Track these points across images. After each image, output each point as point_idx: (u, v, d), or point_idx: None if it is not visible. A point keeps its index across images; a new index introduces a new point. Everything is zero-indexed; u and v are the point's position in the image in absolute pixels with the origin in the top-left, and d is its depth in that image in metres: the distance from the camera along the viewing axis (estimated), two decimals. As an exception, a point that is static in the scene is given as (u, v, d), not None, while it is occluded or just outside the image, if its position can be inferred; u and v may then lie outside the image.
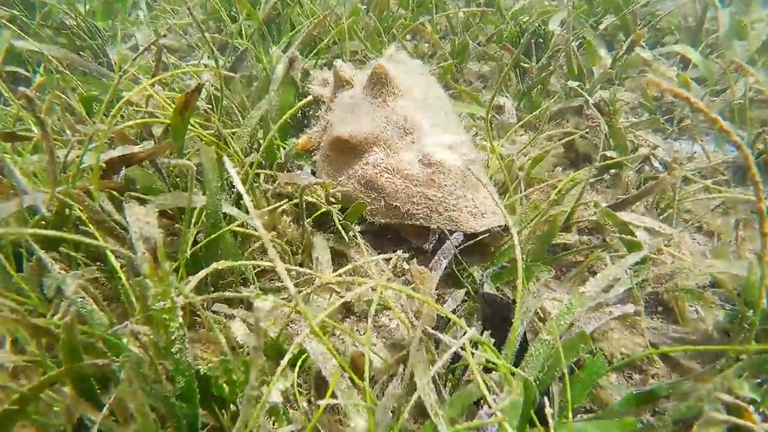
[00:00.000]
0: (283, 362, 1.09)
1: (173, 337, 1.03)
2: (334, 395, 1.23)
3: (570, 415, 1.23)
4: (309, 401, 1.46)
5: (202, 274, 1.16)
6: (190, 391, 1.10)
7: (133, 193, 1.71)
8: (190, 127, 1.86)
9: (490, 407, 1.00)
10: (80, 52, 3.30)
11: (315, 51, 2.92)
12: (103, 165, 1.56)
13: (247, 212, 1.82)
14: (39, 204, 1.52)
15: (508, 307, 1.44)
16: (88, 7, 3.88)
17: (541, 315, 1.65)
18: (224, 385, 1.28)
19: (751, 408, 1.29)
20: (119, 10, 4.13)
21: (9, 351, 1.26)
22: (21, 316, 1.04)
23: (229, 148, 1.90)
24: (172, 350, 1.04)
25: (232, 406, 1.29)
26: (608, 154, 2.35)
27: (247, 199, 0.84)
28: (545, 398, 1.24)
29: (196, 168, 1.89)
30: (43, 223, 1.62)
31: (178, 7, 4.33)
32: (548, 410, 1.02)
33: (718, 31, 3.48)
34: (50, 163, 1.45)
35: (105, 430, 1.12)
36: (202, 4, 4.07)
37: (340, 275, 1.46)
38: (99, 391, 1.15)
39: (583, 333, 1.24)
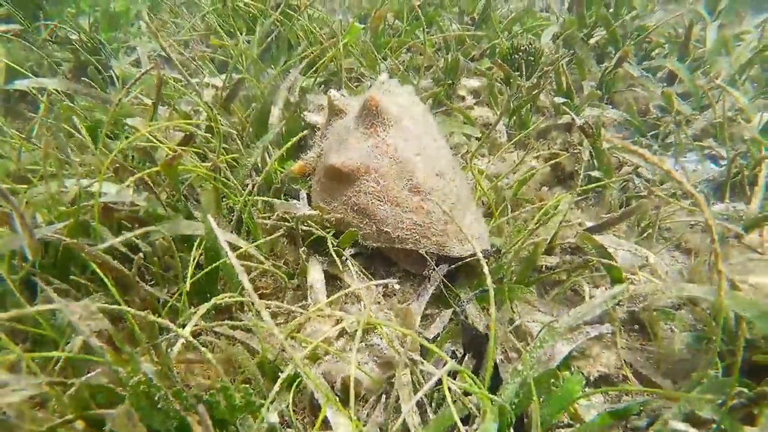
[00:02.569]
0: (275, 388, 1.20)
1: (156, 398, 1.13)
2: (324, 422, 1.34)
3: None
4: (303, 419, 1.57)
5: (202, 310, 1.27)
6: (184, 426, 1.21)
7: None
8: (190, 169, 1.97)
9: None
10: (86, 69, 3.42)
11: (314, 69, 3.02)
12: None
13: (246, 238, 1.93)
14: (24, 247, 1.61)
15: (484, 340, 1.57)
16: (91, 20, 3.98)
17: (521, 337, 1.76)
18: (225, 410, 1.40)
19: (713, 427, 1.41)
20: (122, 23, 4.22)
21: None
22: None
23: (227, 180, 2.00)
24: (158, 407, 1.15)
25: (232, 427, 1.40)
26: (593, 174, 2.45)
27: (236, 263, 0.94)
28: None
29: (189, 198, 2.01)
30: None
31: (178, 20, 4.43)
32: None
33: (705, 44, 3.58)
34: (55, 198, 1.55)
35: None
36: (202, 20, 4.16)
37: (330, 303, 1.57)
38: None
39: (553, 371, 1.35)
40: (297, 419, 1.54)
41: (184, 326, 1.45)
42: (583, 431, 1.55)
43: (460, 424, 1.13)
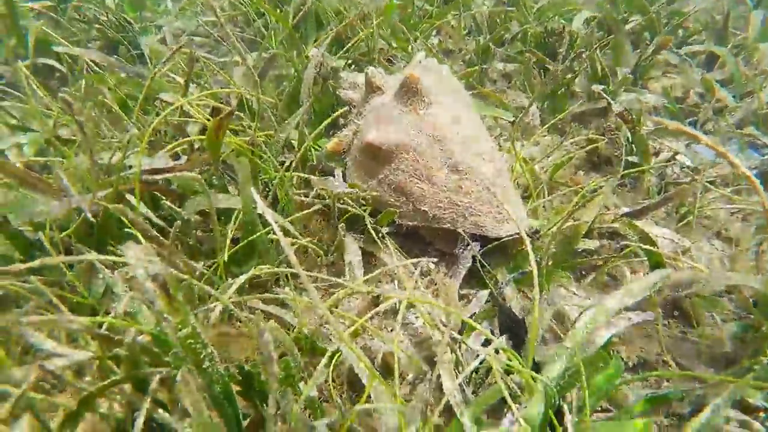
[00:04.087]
0: (319, 367, 1.18)
1: (201, 356, 1.12)
2: (369, 398, 1.32)
3: (588, 419, 1.31)
4: (341, 395, 1.56)
5: (240, 280, 1.25)
6: (227, 393, 1.20)
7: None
8: (231, 142, 1.96)
9: (513, 414, 1.09)
10: (116, 46, 3.42)
11: (345, 49, 2.99)
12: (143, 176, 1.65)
13: (281, 214, 1.92)
14: (84, 207, 1.61)
15: (521, 324, 1.54)
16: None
17: (558, 320, 1.74)
18: (265, 380, 1.39)
19: (762, 416, 1.38)
20: (147, 2, 4.21)
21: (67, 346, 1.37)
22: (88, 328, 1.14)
23: (264, 154, 1.99)
24: (203, 366, 1.13)
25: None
26: (630, 159, 2.40)
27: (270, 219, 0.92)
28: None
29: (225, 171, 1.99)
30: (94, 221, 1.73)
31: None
32: (567, 417, 1.10)
33: (745, 32, 3.48)
34: (92, 168, 1.55)
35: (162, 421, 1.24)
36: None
37: (366, 281, 1.55)
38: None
39: (603, 354, 1.32)
40: (336, 393, 1.52)
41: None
42: (622, 415, 1.53)
43: (510, 399, 1.11)
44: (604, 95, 2.61)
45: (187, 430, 1.03)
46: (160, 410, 1.09)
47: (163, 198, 1.85)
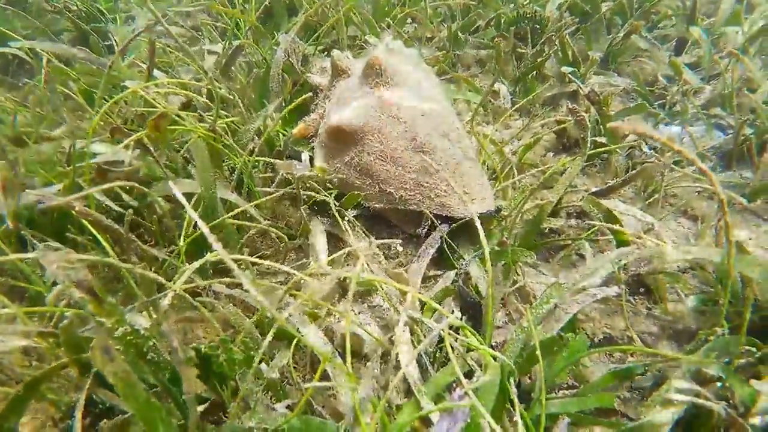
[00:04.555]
0: (265, 342, 1.17)
1: (144, 350, 1.10)
2: (323, 378, 1.32)
3: (544, 393, 1.32)
4: (304, 378, 1.56)
5: (195, 265, 1.24)
6: (175, 379, 1.19)
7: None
8: (187, 128, 1.93)
9: (463, 389, 1.09)
10: (87, 37, 3.36)
11: (315, 36, 2.97)
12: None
13: (247, 199, 1.90)
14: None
15: (477, 305, 1.55)
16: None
17: (520, 297, 1.74)
18: (224, 362, 1.38)
19: (718, 385, 1.39)
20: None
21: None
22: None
23: (227, 140, 1.97)
24: (148, 357, 1.12)
25: (232, 382, 1.38)
26: (598, 140, 2.41)
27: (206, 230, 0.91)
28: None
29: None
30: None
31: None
32: (514, 394, 1.10)
33: (714, 16, 3.51)
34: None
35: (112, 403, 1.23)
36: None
37: (331, 263, 1.54)
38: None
39: (554, 337, 1.33)
40: (298, 376, 1.52)
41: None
42: (587, 391, 1.54)
43: (461, 375, 1.11)
44: (573, 78, 2.62)
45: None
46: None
47: (126, 188, 1.83)
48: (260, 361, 1.31)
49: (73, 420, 1.09)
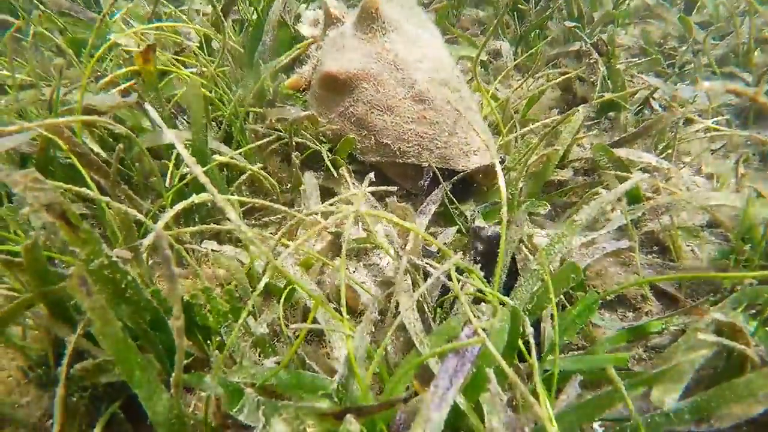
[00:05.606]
0: (258, 288, 1.06)
1: (123, 285, 0.98)
2: (314, 322, 1.21)
3: (557, 346, 1.21)
4: (295, 335, 1.44)
5: (178, 206, 1.12)
6: (159, 321, 1.07)
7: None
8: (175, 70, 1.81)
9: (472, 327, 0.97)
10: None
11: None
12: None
13: (235, 148, 1.78)
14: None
15: (494, 251, 1.42)
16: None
17: (533, 250, 1.62)
18: (208, 314, 1.26)
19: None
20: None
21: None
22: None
23: (218, 88, 1.84)
24: (126, 296, 1.00)
25: (216, 337, 1.27)
26: (606, 95, 2.28)
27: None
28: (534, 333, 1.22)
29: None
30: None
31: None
32: (530, 331, 0.99)
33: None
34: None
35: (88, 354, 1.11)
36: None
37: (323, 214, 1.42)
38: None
39: (572, 263, 1.21)
40: (289, 332, 1.41)
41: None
42: (599, 350, 1.42)
43: (472, 316, 0.99)
44: (578, 32, 2.49)
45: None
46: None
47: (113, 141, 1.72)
48: (248, 314, 1.21)
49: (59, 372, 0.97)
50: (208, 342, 1.28)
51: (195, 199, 1.35)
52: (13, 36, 2.24)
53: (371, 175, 1.42)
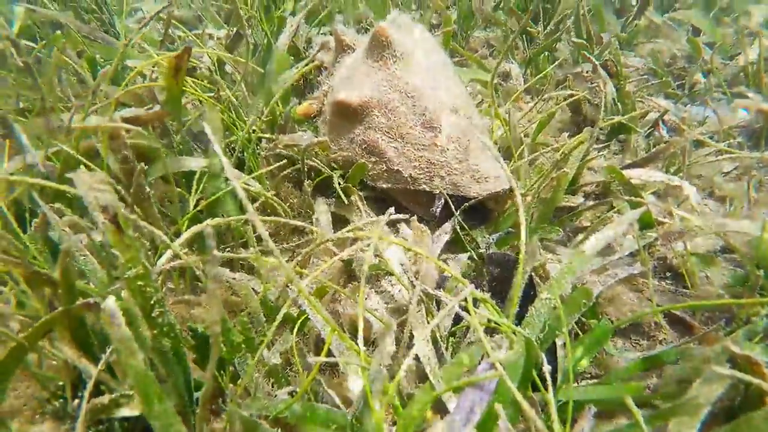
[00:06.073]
0: (278, 319, 1.07)
1: (152, 302, 1.00)
2: (329, 355, 1.21)
3: (572, 376, 1.21)
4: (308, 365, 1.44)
5: (195, 229, 1.13)
6: (177, 351, 1.08)
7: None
8: (192, 92, 1.83)
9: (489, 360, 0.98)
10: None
11: (317, 20, 2.87)
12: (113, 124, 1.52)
13: (248, 173, 1.80)
14: (36, 160, 1.50)
15: (515, 264, 1.41)
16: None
17: (544, 277, 1.62)
18: (222, 345, 1.27)
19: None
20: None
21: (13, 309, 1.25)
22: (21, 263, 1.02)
23: (232, 112, 1.87)
24: (152, 314, 1.01)
25: (230, 367, 1.27)
26: (616, 118, 2.29)
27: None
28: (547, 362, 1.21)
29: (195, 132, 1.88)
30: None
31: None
32: (546, 368, 0.99)
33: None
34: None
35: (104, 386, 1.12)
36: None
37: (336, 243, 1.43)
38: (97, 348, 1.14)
39: (584, 288, 1.21)
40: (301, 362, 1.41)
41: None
42: (613, 379, 1.42)
43: (489, 348, 0.99)
44: (586, 54, 2.50)
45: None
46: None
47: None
48: (262, 344, 1.21)
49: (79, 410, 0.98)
50: (222, 372, 1.28)
51: (211, 222, 1.36)
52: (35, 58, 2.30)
53: (392, 209, 1.43)
